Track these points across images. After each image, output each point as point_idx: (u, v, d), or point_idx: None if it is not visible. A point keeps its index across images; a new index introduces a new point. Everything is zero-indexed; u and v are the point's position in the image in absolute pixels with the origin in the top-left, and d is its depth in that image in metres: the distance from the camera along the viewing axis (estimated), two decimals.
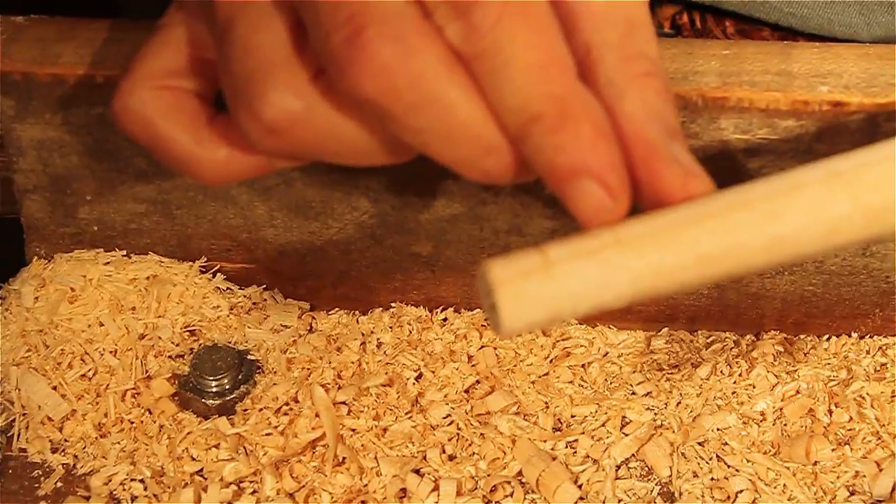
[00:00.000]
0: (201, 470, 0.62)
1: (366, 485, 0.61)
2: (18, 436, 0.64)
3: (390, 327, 0.68)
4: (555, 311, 0.43)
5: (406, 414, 0.64)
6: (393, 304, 0.69)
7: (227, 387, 0.64)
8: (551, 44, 0.45)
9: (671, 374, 0.65)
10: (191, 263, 0.68)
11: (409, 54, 0.44)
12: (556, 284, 0.42)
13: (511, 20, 0.44)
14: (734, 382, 0.65)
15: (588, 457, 0.62)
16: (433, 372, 0.66)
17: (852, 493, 0.61)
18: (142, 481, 0.62)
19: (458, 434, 0.63)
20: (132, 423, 0.64)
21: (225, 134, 0.52)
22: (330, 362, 0.66)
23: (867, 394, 0.63)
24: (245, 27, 0.48)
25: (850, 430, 0.63)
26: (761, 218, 0.43)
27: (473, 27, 0.44)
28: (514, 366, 0.66)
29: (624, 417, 0.64)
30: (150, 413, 0.64)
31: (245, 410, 0.64)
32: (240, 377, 0.65)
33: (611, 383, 0.66)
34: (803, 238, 0.43)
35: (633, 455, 0.63)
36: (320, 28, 0.46)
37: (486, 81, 0.45)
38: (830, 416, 0.63)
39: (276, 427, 0.63)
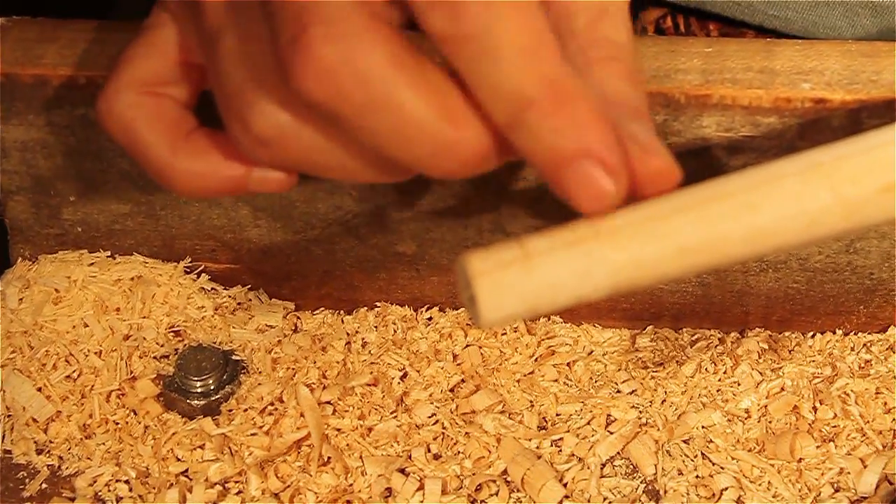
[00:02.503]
0: (186, 470, 0.62)
1: (351, 484, 0.61)
2: (3, 437, 0.63)
3: (375, 327, 0.68)
4: (533, 303, 0.43)
5: (391, 413, 0.64)
6: (378, 304, 0.69)
7: (212, 387, 0.64)
8: (539, 26, 0.44)
9: (656, 371, 0.65)
10: (175, 264, 0.68)
11: (355, 54, 0.44)
12: (534, 276, 0.42)
13: (498, 2, 0.43)
14: (719, 380, 0.65)
15: (573, 455, 0.62)
16: (418, 371, 0.66)
17: (837, 490, 0.61)
18: (127, 482, 0.62)
19: (443, 433, 0.63)
20: (117, 423, 0.64)
21: (203, 148, 0.52)
22: (315, 362, 0.66)
23: (851, 391, 0.63)
24: (234, 37, 0.48)
25: (834, 426, 0.63)
26: (740, 209, 0.43)
27: (459, 10, 0.43)
28: (500, 364, 0.66)
29: (609, 415, 0.64)
30: (135, 414, 0.64)
31: (230, 411, 0.64)
32: (224, 377, 0.65)
33: (596, 381, 0.66)
34: (782, 229, 0.43)
35: (618, 453, 0.63)
36: (272, 30, 0.45)
37: (472, 68, 0.44)
38: (815, 413, 0.63)
39: (261, 427, 0.63)
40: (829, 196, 0.43)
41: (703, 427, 0.63)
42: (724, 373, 0.65)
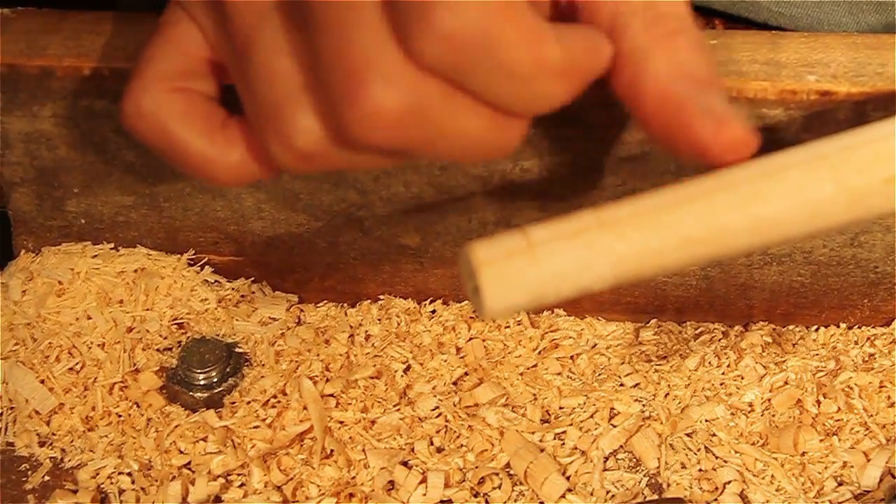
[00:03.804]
0: (189, 463, 0.62)
1: (354, 477, 0.61)
2: (6, 429, 0.63)
3: (378, 319, 0.68)
4: (538, 293, 0.43)
5: (394, 406, 0.64)
6: (381, 297, 0.69)
7: (215, 379, 0.64)
8: (534, 20, 0.44)
9: (659, 365, 0.65)
10: (179, 256, 0.68)
11: (412, 98, 0.45)
12: (539, 265, 0.42)
13: (491, 12, 0.43)
14: (722, 373, 0.65)
15: (576, 448, 0.62)
16: (421, 364, 0.65)
17: (840, 484, 0.61)
18: (129, 474, 0.62)
19: (446, 426, 0.63)
20: (120, 416, 0.64)
21: (239, 136, 0.52)
22: (318, 355, 0.66)
23: (855, 384, 0.63)
24: (265, 51, 0.48)
25: (838, 420, 0.63)
26: (744, 200, 0.43)
27: (448, 35, 0.43)
28: (503, 357, 0.66)
29: (612, 409, 0.64)
30: (138, 406, 0.64)
31: (233, 403, 0.64)
32: (228, 370, 0.65)
33: (599, 375, 0.65)
34: (787, 220, 0.43)
35: (621, 446, 0.63)
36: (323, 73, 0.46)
37: (477, 84, 0.45)
38: (818, 406, 0.63)
39: (263, 420, 0.63)
40: (834, 187, 0.43)
41: (706, 420, 0.63)
42: (728, 366, 0.65)
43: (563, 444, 0.63)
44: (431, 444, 0.63)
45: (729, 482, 0.61)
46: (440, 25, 0.43)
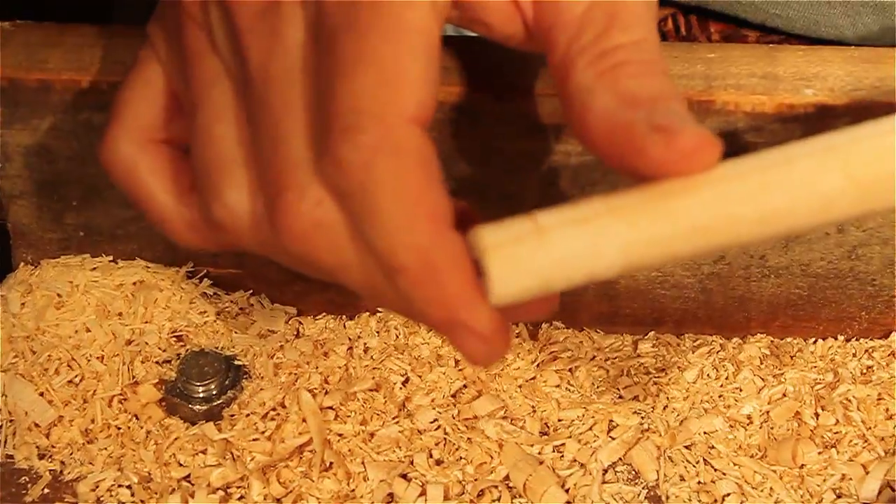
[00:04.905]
0: (188, 476, 0.62)
1: (353, 490, 0.61)
2: (5, 442, 0.63)
3: (377, 332, 0.68)
4: (546, 279, 0.42)
5: (393, 419, 0.64)
6: (380, 309, 0.69)
7: (214, 392, 0.64)
8: (422, 188, 0.43)
9: (658, 377, 0.65)
10: (177, 269, 0.68)
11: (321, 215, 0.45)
12: (547, 251, 0.42)
13: (382, 160, 0.43)
14: (721, 386, 0.65)
15: (575, 461, 0.62)
16: (420, 376, 0.66)
17: (839, 496, 0.61)
18: (129, 487, 0.62)
19: (445, 439, 0.63)
20: (119, 428, 0.64)
21: None
22: (317, 367, 0.66)
23: (853, 397, 0.63)
24: (209, 114, 0.48)
25: (836, 433, 0.63)
26: (754, 190, 0.43)
27: (341, 165, 0.43)
28: (501, 370, 0.66)
29: (611, 421, 0.64)
30: (137, 419, 0.64)
31: (232, 416, 0.64)
32: (227, 382, 0.65)
33: (598, 387, 0.66)
34: (795, 211, 0.43)
35: (620, 459, 0.63)
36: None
37: (356, 221, 0.44)
38: (817, 419, 0.63)
39: (263, 432, 0.63)
40: (843, 179, 0.43)
41: (704, 433, 0.63)
42: (727, 378, 0.65)
43: (562, 456, 0.63)
44: (430, 456, 0.63)
45: (728, 494, 0.61)
46: (336, 149, 0.43)
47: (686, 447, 0.63)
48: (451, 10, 0.48)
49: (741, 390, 0.64)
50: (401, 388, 0.65)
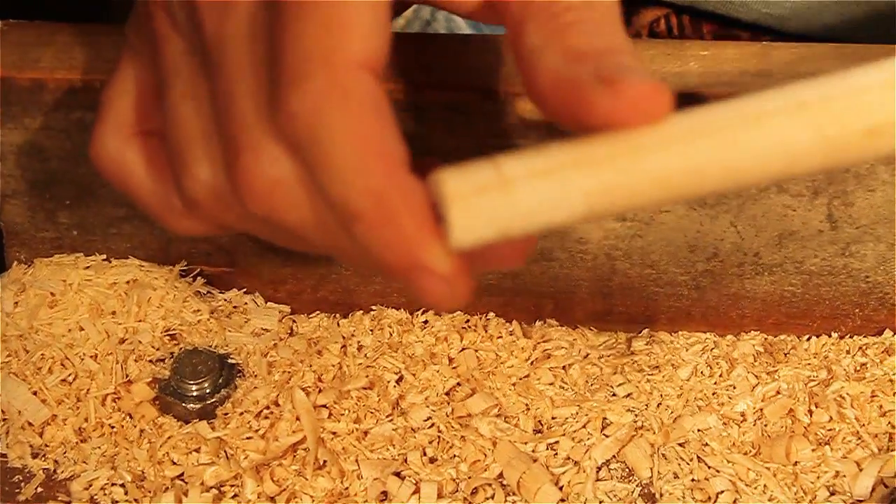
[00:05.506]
0: (182, 474, 0.62)
1: (347, 488, 0.61)
2: None
3: (371, 330, 0.68)
4: (507, 228, 0.42)
5: (387, 417, 0.64)
6: (373, 307, 0.69)
7: (208, 391, 0.64)
8: (374, 132, 0.43)
9: (651, 375, 0.65)
10: (171, 267, 0.68)
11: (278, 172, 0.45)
12: (511, 202, 0.42)
13: (331, 105, 0.43)
14: (714, 383, 0.65)
15: (569, 458, 0.62)
16: (414, 375, 0.66)
17: (832, 494, 0.61)
18: (122, 486, 0.62)
19: (438, 437, 0.63)
20: (112, 427, 0.64)
21: None
22: (311, 366, 0.66)
23: (847, 394, 0.63)
24: (176, 94, 0.48)
25: (830, 430, 0.63)
26: (722, 147, 0.42)
27: (292, 116, 0.43)
28: (495, 368, 0.66)
29: (605, 419, 0.64)
30: (131, 417, 0.64)
31: (226, 414, 0.64)
32: (220, 381, 0.65)
33: (591, 385, 0.66)
34: (763, 166, 0.43)
35: (613, 456, 0.63)
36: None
37: (311, 173, 0.44)
38: (811, 416, 0.63)
39: (256, 431, 0.63)
40: (813, 137, 0.42)
41: (698, 430, 0.63)
42: (720, 376, 0.65)
43: (556, 454, 0.63)
44: (424, 454, 0.63)
45: (721, 492, 0.61)
46: (285, 101, 0.43)
47: (680, 445, 0.63)
48: None
49: (735, 387, 0.65)
50: (394, 387, 0.65)
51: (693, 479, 0.61)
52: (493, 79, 0.60)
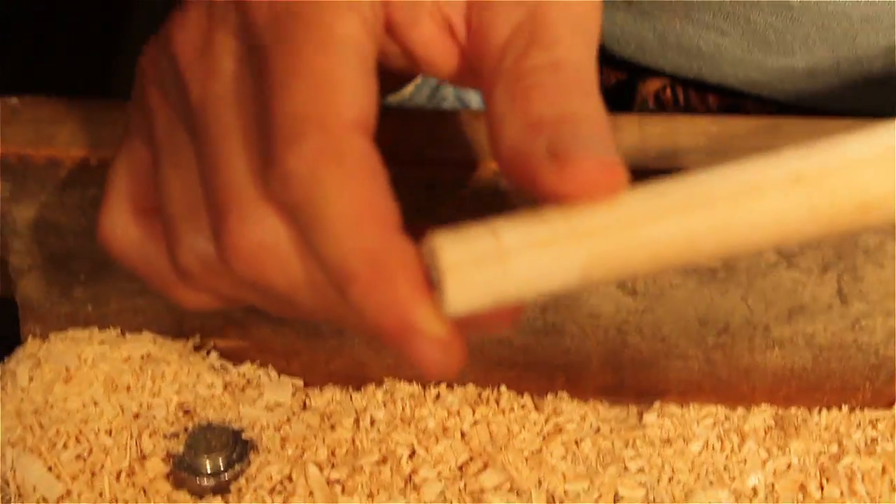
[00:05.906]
0: None
1: None
2: None
3: (384, 404, 0.68)
4: (501, 297, 0.42)
5: (400, 492, 0.64)
6: (386, 380, 0.69)
7: (222, 466, 0.64)
8: (369, 193, 0.43)
9: (663, 448, 0.66)
10: (185, 341, 0.69)
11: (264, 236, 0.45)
12: (507, 272, 0.42)
13: (327, 166, 0.42)
14: (726, 457, 0.65)
15: None
16: (426, 449, 0.66)
17: None
18: None
19: None
20: (127, 503, 0.64)
21: None
22: (324, 440, 0.66)
23: (858, 468, 0.64)
24: (165, 167, 0.49)
25: None
26: (719, 219, 0.42)
27: (287, 176, 0.43)
28: (507, 442, 0.66)
29: (616, 493, 0.64)
30: (145, 493, 0.64)
31: (240, 490, 0.64)
32: (234, 456, 0.65)
33: (603, 459, 0.66)
34: (755, 239, 0.43)
35: None
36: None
37: (305, 234, 0.44)
38: (822, 491, 0.63)
39: None
40: (808, 213, 0.43)
41: None
42: (731, 450, 0.65)
43: None
44: None
45: None
46: (279, 161, 0.43)
47: None
48: (384, 35, 0.48)
49: (746, 462, 0.65)
50: (407, 461, 0.65)
51: None
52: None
